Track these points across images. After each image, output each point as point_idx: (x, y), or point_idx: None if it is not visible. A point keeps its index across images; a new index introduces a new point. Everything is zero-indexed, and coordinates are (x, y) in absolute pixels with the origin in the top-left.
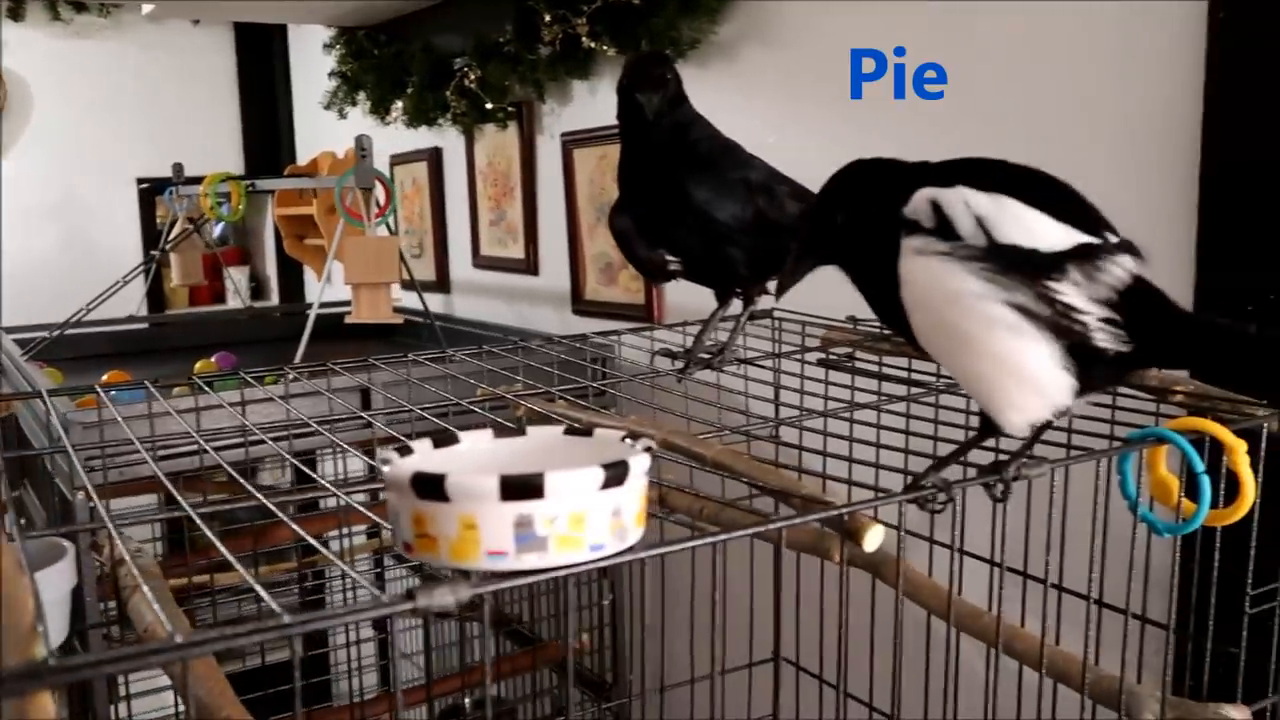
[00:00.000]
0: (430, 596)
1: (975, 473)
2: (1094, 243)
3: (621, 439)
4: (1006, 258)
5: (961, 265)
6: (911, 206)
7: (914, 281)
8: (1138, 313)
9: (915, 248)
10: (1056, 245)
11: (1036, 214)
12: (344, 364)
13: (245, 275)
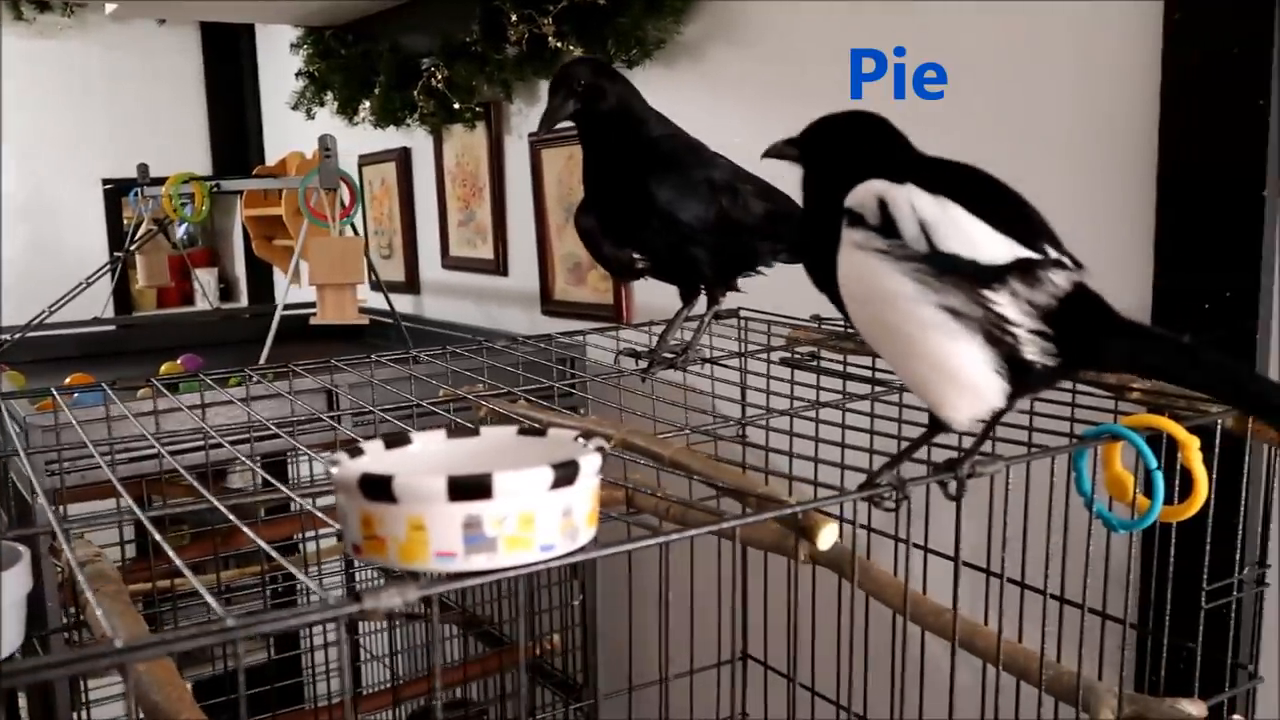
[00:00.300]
0: (377, 599)
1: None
2: (1032, 258)
3: (575, 439)
4: (944, 264)
5: (897, 266)
6: (856, 199)
7: (851, 276)
8: (1071, 324)
9: (856, 241)
10: (995, 258)
11: (979, 224)
12: (306, 365)
13: (214, 277)
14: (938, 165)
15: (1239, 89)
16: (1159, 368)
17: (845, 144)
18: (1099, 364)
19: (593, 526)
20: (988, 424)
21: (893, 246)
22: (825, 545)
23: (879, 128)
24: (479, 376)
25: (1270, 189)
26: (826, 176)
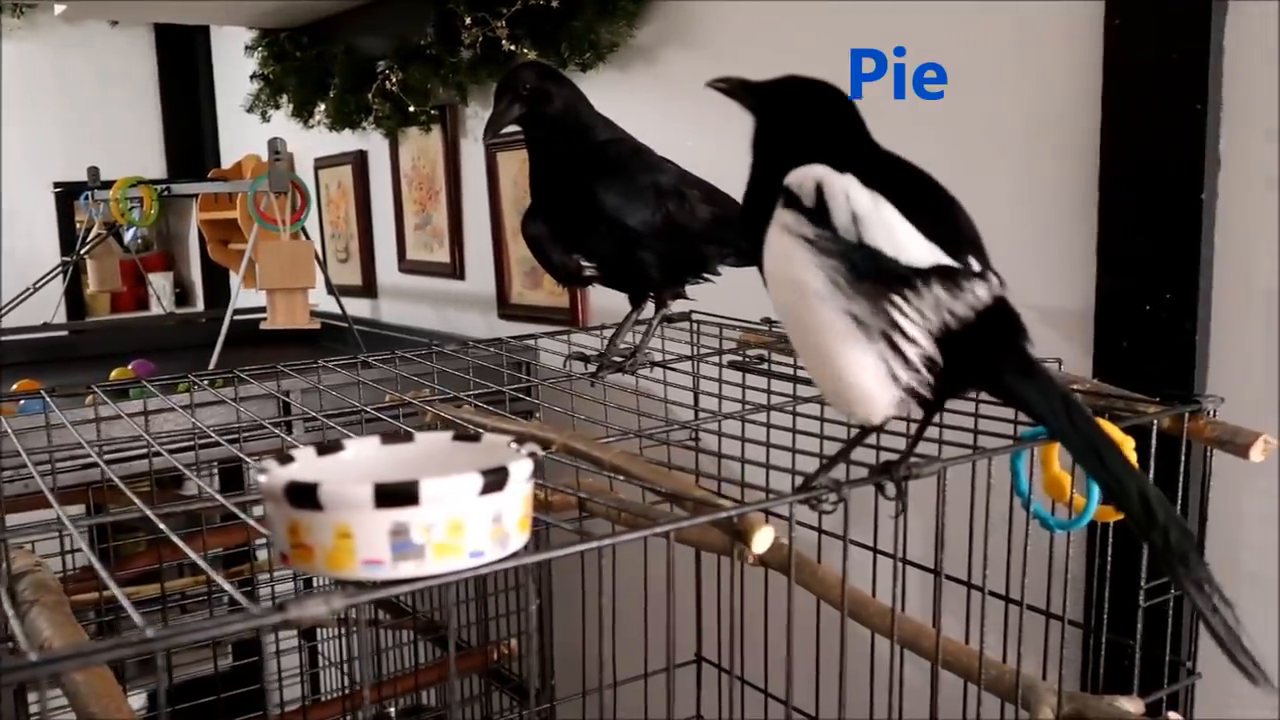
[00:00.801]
0: (302, 607)
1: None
2: (953, 266)
3: (509, 444)
4: (864, 261)
5: (817, 260)
6: (796, 179)
7: (774, 256)
8: (970, 345)
9: (786, 223)
10: (916, 261)
11: (907, 226)
12: (252, 371)
13: (169, 281)
14: (884, 160)
15: (1178, 93)
16: (1032, 413)
17: (804, 113)
18: (988, 390)
19: (525, 532)
20: (920, 426)
21: (819, 237)
22: (761, 548)
23: (841, 105)
24: (428, 382)
25: (1208, 192)
26: (777, 140)
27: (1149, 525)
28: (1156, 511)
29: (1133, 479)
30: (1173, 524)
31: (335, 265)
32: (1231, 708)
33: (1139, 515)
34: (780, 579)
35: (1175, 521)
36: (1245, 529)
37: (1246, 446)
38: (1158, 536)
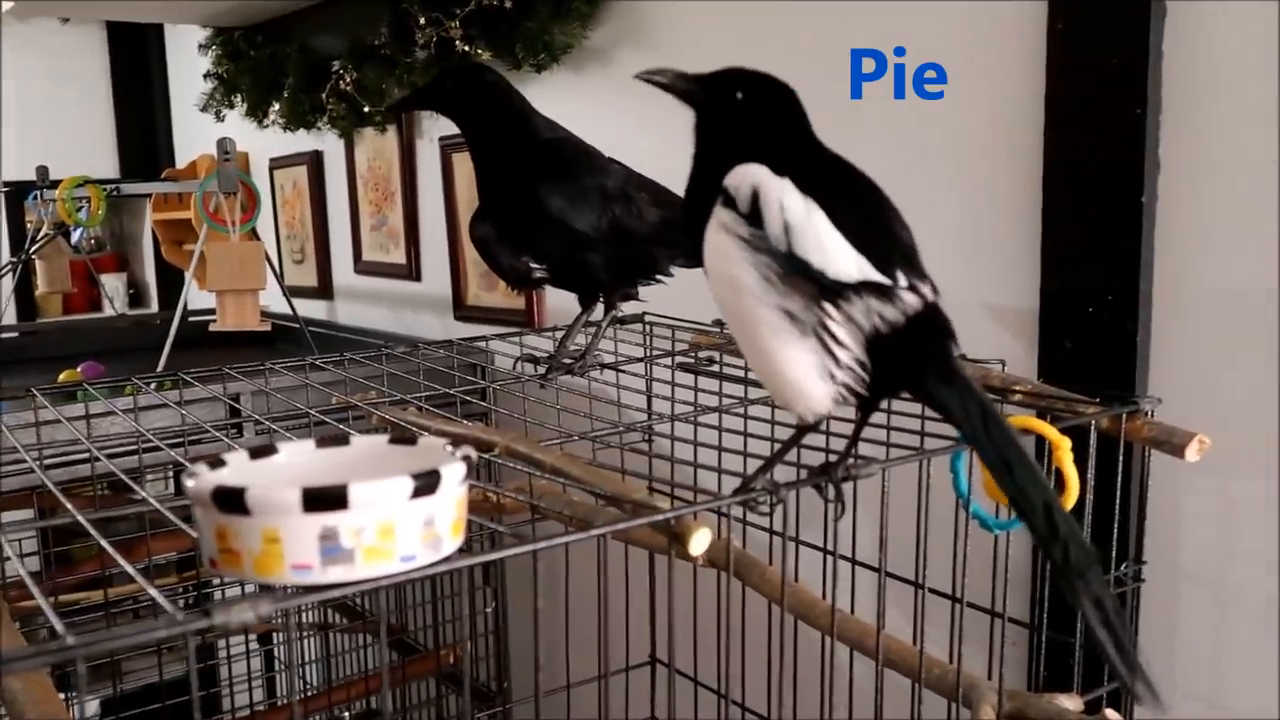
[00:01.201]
0: (228, 613)
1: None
2: (880, 282)
3: (444, 447)
4: (795, 268)
5: (751, 257)
6: (734, 181)
7: (712, 253)
8: (897, 355)
9: (723, 222)
10: (843, 275)
11: (838, 238)
12: (198, 374)
13: (123, 282)
14: (823, 161)
15: (1118, 97)
16: (951, 420)
17: (746, 106)
18: (913, 394)
19: (458, 536)
20: (857, 427)
21: (754, 236)
22: (698, 550)
23: (783, 98)
24: (379, 384)
25: (1148, 194)
26: (719, 134)
27: (1050, 539)
28: (1059, 526)
29: (1040, 492)
30: (1074, 539)
31: (290, 266)
32: (1175, 706)
33: (1042, 529)
34: (734, 580)
35: (1076, 537)
36: (1186, 527)
37: (1182, 446)
38: (1058, 551)
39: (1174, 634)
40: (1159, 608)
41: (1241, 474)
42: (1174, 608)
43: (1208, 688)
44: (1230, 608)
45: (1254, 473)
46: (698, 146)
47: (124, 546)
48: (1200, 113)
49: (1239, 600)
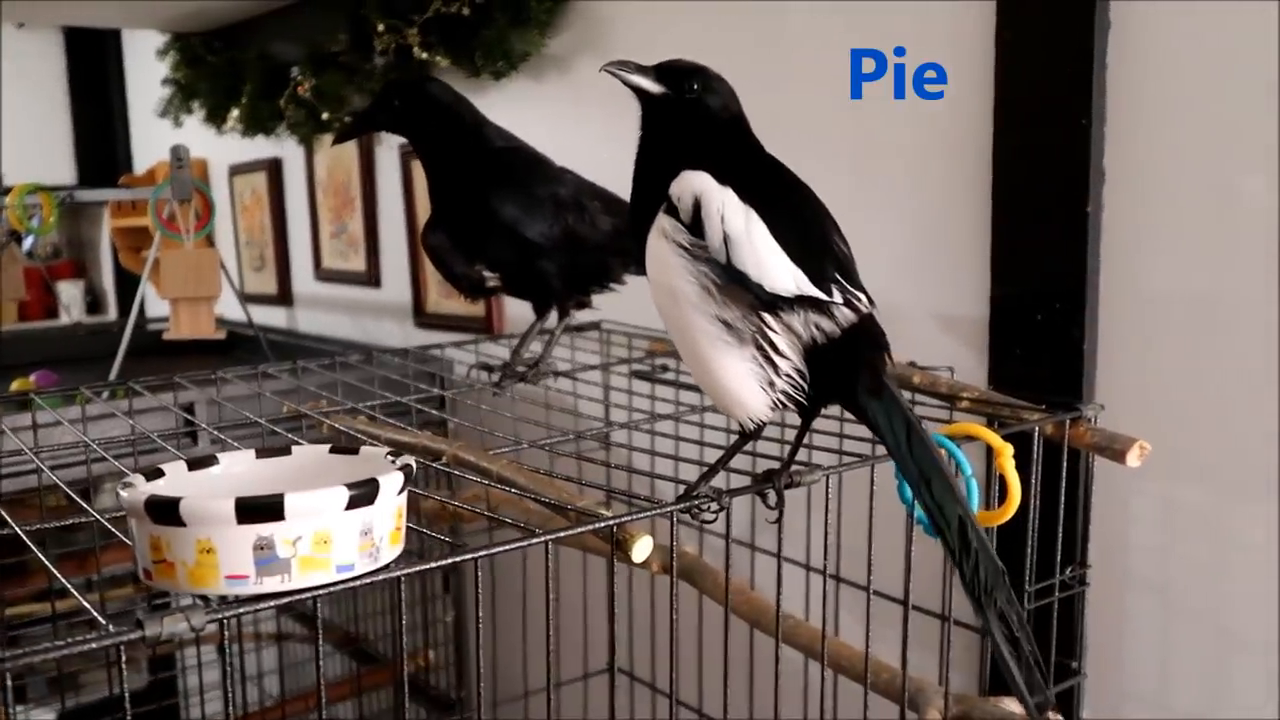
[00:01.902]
0: (160, 625)
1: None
2: (816, 296)
3: (385, 456)
4: (733, 278)
5: (691, 266)
6: (678, 189)
7: (653, 260)
8: (830, 367)
9: (665, 229)
10: (779, 288)
11: (776, 251)
12: (148, 383)
13: (80, 289)
14: (765, 170)
15: (1064, 108)
16: (876, 434)
17: (697, 103)
18: (844, 406)
19: (397, 545)
20: (799, 434)
21: (694, 246)
22: (639, 558)
23: (730, 98)
24: (334, 393)
25: (1094, 204)
26: (669, 132)
27: (962, 554)
28: (971, 542)
29: (955, 508)
30: (984, 556)
31: (250, 274)
32: (1122, 707)
33: (955, 544)
34: (687, 589)
35: (987, 554)
36: (1132, 532)
37: (1123, 452)
38: (968, 566)
39: (1121, 637)
40: (1106, 611)
41: (1185, 479)
42: (1120, 611)
43: (1153, 689)
44: (1174, 611)
45: (1197, 477)
46: (643, 144)
47: (79, 557)
48: (1143, 123)
49: (1183, 603)
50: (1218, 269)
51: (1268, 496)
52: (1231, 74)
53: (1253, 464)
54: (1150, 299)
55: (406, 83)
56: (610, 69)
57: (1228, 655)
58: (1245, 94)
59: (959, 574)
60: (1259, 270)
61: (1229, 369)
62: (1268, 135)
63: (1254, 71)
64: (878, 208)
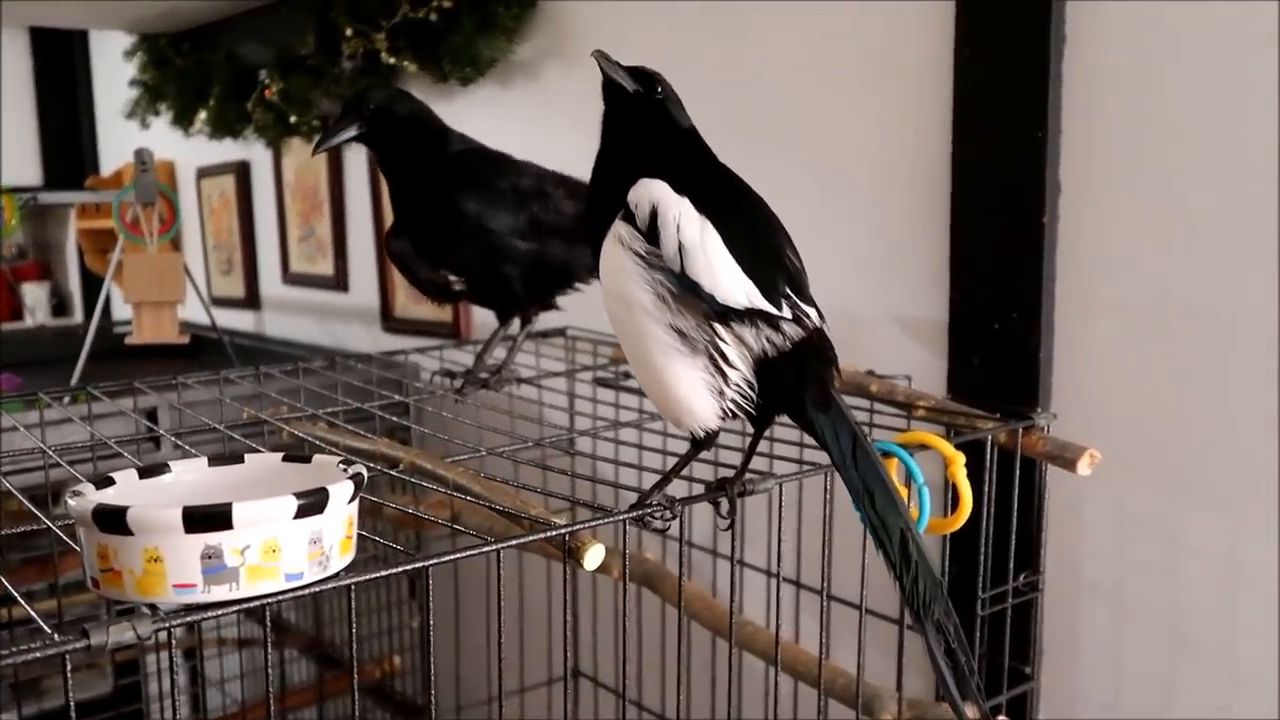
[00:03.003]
0: (105, 634)
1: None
2: (766, 310)
3: (337, 464)
4: (687, 288)
5: (646, 275)
6: (636, 196)
7: (608, 267)
8: (778, 380)
9: (621, 236)
10: (731, 300)
11: (729, 262)
12: (107, 388)
13: (46, 291)
14: (720, 181)
15: (1021, 122)
16: (823, 447)
17: (660, 109)
18: (792, 418)
19: (348, 553)
20: (752, 443)
21: (650, 254)
22: (591, 565)
23: (688, 117)
24: (294, 399)
25: (1049, 214)
26: (633, 135)
27: (903, 567)
28: (912, 555)
29: (897, 521)
30: (923, 569)
31: (218, 277)
32: (1076, 711)
33: (896, 556)
34: (652, 596)
35: (926, 567)
36: (1087, 538)
37: (1074, 460)
38: (908, 579)
39: (1075, 641)
40: (1061, 616)
41: (1138, 486)
42: (1075, 616)
43: (1107, 693)
44: (1128, 615)
45: (1150, 485)
46: (604, 147)
47: (40, 563)
48: (1098, 136)
49: (1136, 608)
50: (1170, 279)
51: (1219, 504)
52: (1183, 88)
53: (1204, 472)
54: (1105, 308)
55: (378, 93)
56: (598, 55)
57: (1179, 659)
58: (1196, 107)
59: (898, 586)
60: (1210, 280)
61: (1182, 378)
62: (1218, 148)
63: (1205, 85)
64: (840, 217)
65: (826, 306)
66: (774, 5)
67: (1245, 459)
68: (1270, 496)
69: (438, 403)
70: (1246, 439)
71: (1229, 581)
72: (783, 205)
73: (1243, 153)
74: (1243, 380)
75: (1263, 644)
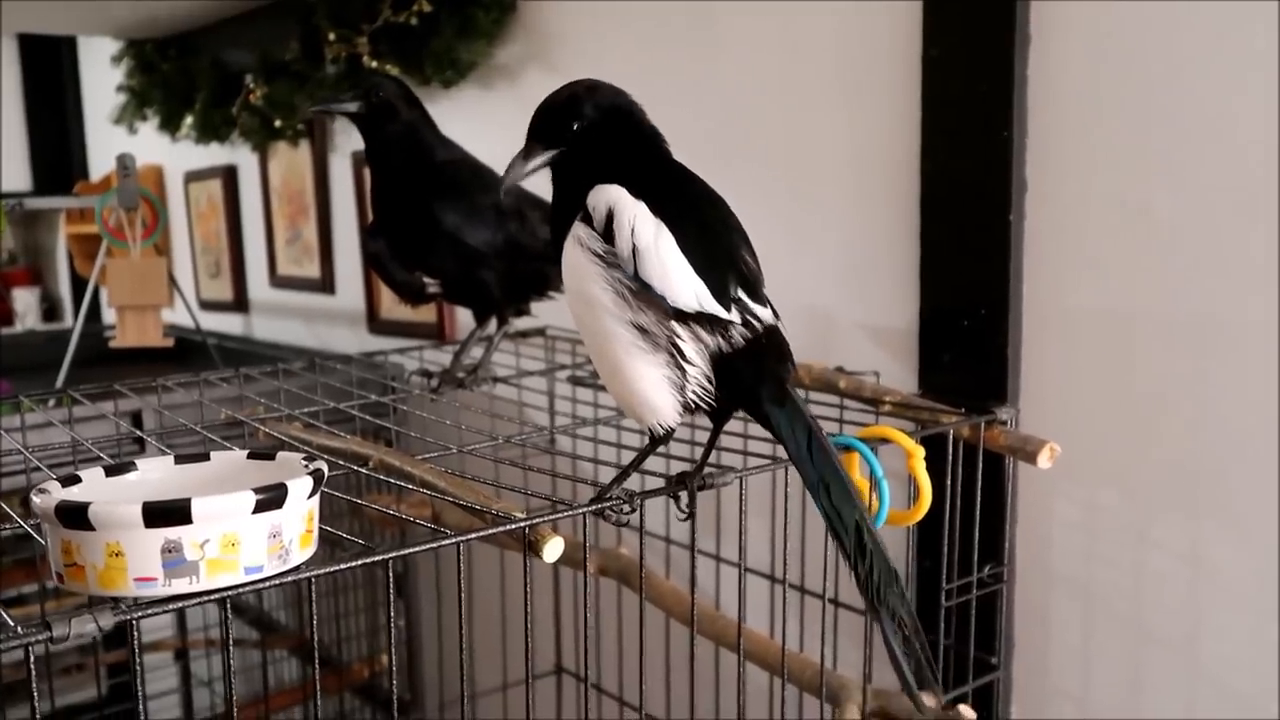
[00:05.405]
0: (68, 626)
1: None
2: (715, 314)
3: (300, 461)
4: (644, 286)
5: (605, 274)
6: (594, 200)
7: (569, 267)
8: (735, 376)
9: (580, 237)
10: (681, 302)
11: (683, 264)
12: (88, 391)
13: (36, 296)
14: (680, 186)
15: (987, 121)
16: (779, 440)
17: (627, 124)
18: (748, 413)
19: (308, 547)
20: (711, 438)
21: (608, 254)
22: (550, 558)
23: (636, 121)
24: (274, 400)
25: (1015, 214)
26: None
27: (857, 557)
28: (866, 545)
29: (852, 513)
30: (878, 559)
31: (206, 280)
32: (1047, 705)
33: (851, 547)
34: (631, 591)
35: (881, 557)
36: (1056, 533)
37: (1034, 454)
38: (863, 569)
39: (1047, 635)
40: (1031, 610)
41: (1104, 482)
42: (1045, 610)
43: (1076, 687)
44: (1096, 610)
45: (1116, 481)
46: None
47: (28, 565)
48: (1064, 136)
49: (1104, 603)
50: (1135, 278)
51: (1183, 501)
52: (1151, 88)
53: (1170, 468)
54: (1072, 306)
55: (389, 84)
56: None
57: (1145, 653)
58: (1163, 107)
59: (854, 576)
60: (1173, 280)
61: (1150, 375)
62: (1183, 147)
63: (1174, 86)
64: (812, 219)
65: (799, 308)
66: (744, 7)
67: (1211, 456)
68: (1237, 493)
69: (416, 403)
70: (1212, 436)
71: (1194, 577)
72: (755, 209)
73: (1208, 151)
74: (1209, 378)
75: (1228, 640)
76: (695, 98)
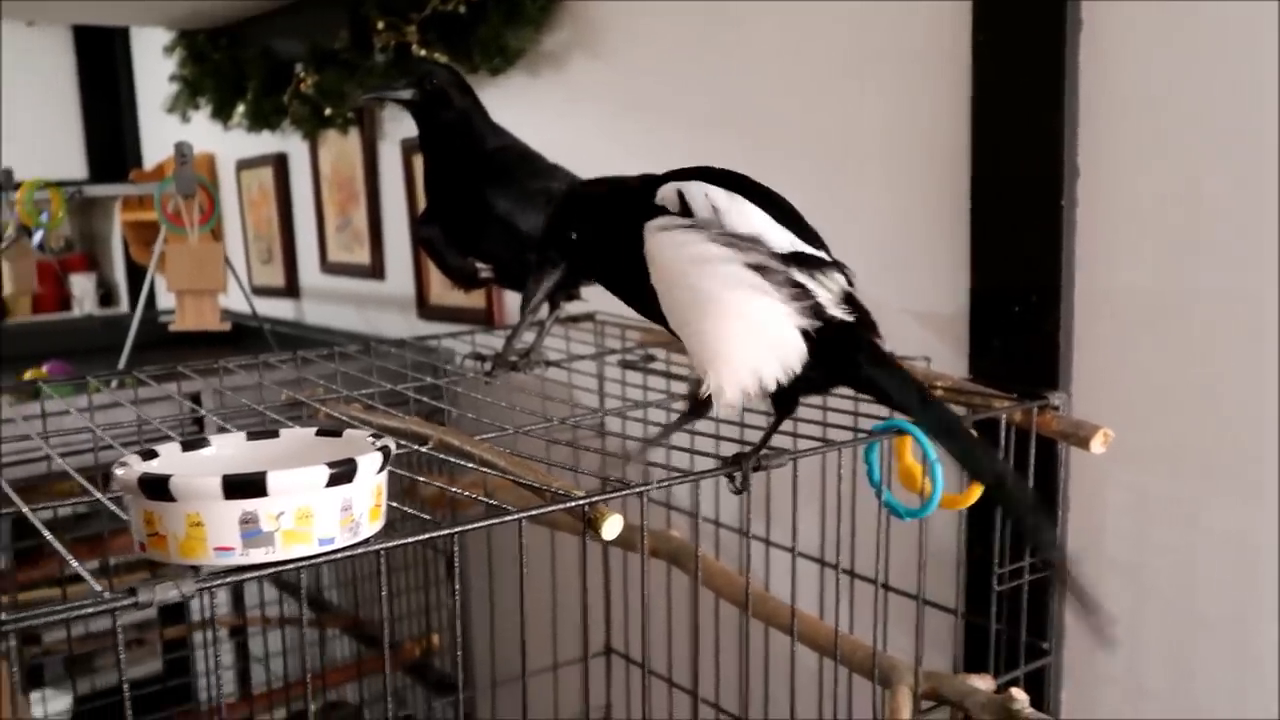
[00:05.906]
0: (153, 591)
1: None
2: (814, 253)
3: (368, 438)
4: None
5: (704, 234)
6: (659, 197)
7: (658, 255)
8: (834, 337)
9: (659, 225)
10: (776, 246)
11: (765, 216)
12: (152, 372)
13: (93, 282)
14: (721, 173)
15: (1038, 105)
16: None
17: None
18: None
19: (377, 520)
20: (775, 422)
21: (696, 221)
22: (610, 535)
23: (624, 178)
24: (331, 383)
25: (1067, 199)
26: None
27: (999, 492)
28: (1006, 479)
29: (984, 452)
30: (1008, 477)
31: (258, 266)
32: (1097, 689)
33: (990, 483)
34: (680, 574)
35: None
36: (1108, 518)
37: (1087, 439)
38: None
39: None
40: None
41: (1157, 468)
42: (1098, 595)
43: (1127, 672)
44: (1146, 594)
45: (1168, 466)
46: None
47: (90, 543)
48: (1115, 120)
49: (1154, 587)
50: (1187, 262)
51: (1236, 485)
52: (1200, 72)
53: (1223, 453)
54: (1124, 291)
55: (443, 72)
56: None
57: (1196, 638)
58: (1213, 92)
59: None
60: (1227, 264)
61: (1201, 360)
62: (1234, 131)
63: (1223, 70)
64: (861, 206)
65: None
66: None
67: (1263, 440)
68: None
69: (469, 385)
70: (1264, 420)
71: (1246, 562)
72: (802, 195)
73: (1258, 136)
74: (1261, 362)
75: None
76: (743, 83)
